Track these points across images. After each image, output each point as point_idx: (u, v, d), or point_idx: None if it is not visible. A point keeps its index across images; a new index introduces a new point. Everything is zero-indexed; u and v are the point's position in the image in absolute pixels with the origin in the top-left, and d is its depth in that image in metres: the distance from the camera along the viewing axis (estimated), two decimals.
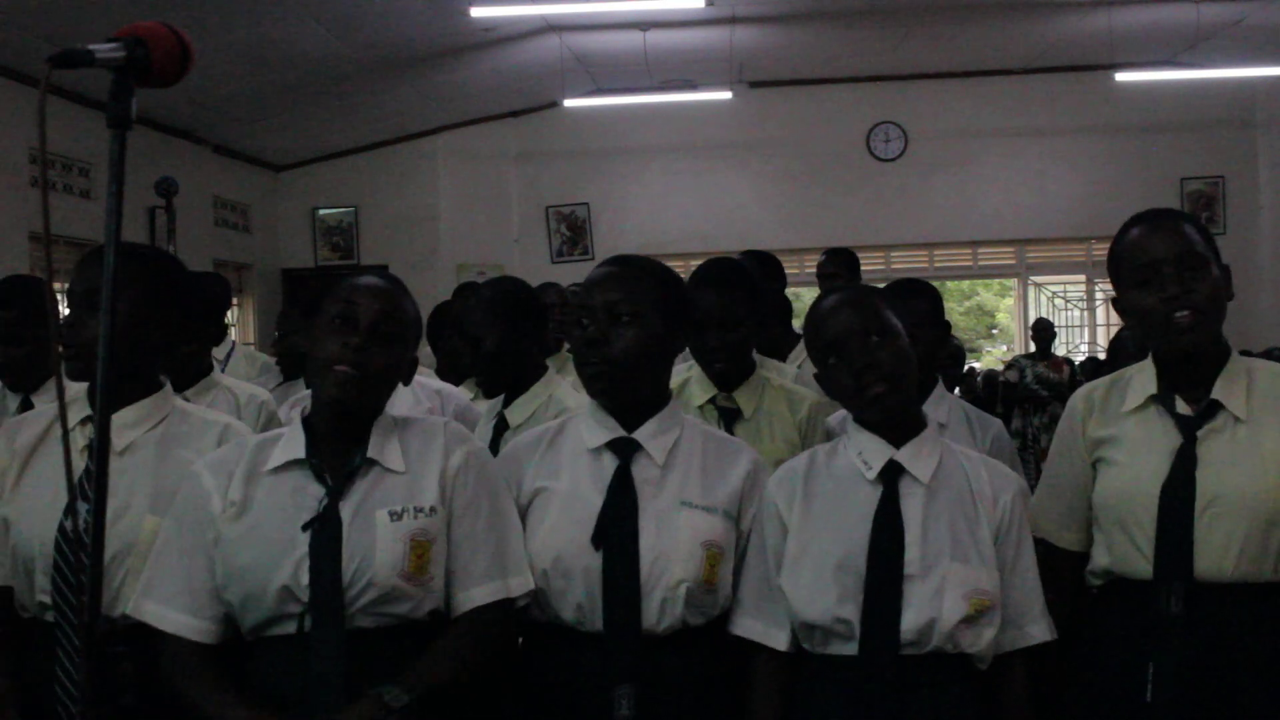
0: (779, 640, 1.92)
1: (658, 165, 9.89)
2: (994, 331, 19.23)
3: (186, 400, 2.69)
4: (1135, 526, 1.94)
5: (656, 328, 1.97)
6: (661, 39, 8.02)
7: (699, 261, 2.93)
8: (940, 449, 1.95)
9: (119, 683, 1.86)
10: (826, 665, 1.87)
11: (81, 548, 1.90)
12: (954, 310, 18.49)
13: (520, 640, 2.01)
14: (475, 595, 1.86)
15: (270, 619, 1.79)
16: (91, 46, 1.20)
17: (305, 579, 1.76)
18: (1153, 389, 2.00)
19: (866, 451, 1.93)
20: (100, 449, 1.22)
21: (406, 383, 1.96)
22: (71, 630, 1.88)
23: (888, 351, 1.89)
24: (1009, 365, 8.85)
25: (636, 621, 1.89)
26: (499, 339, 2.74)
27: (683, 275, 2.63)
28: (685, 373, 2.73)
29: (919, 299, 2.78)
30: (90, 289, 1.98)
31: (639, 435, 1.99)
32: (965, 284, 17.47)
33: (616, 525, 1.92)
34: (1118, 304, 2.04)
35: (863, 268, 10.49)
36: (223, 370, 4.49)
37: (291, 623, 1.77)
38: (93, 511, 1.22)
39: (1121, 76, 8.73)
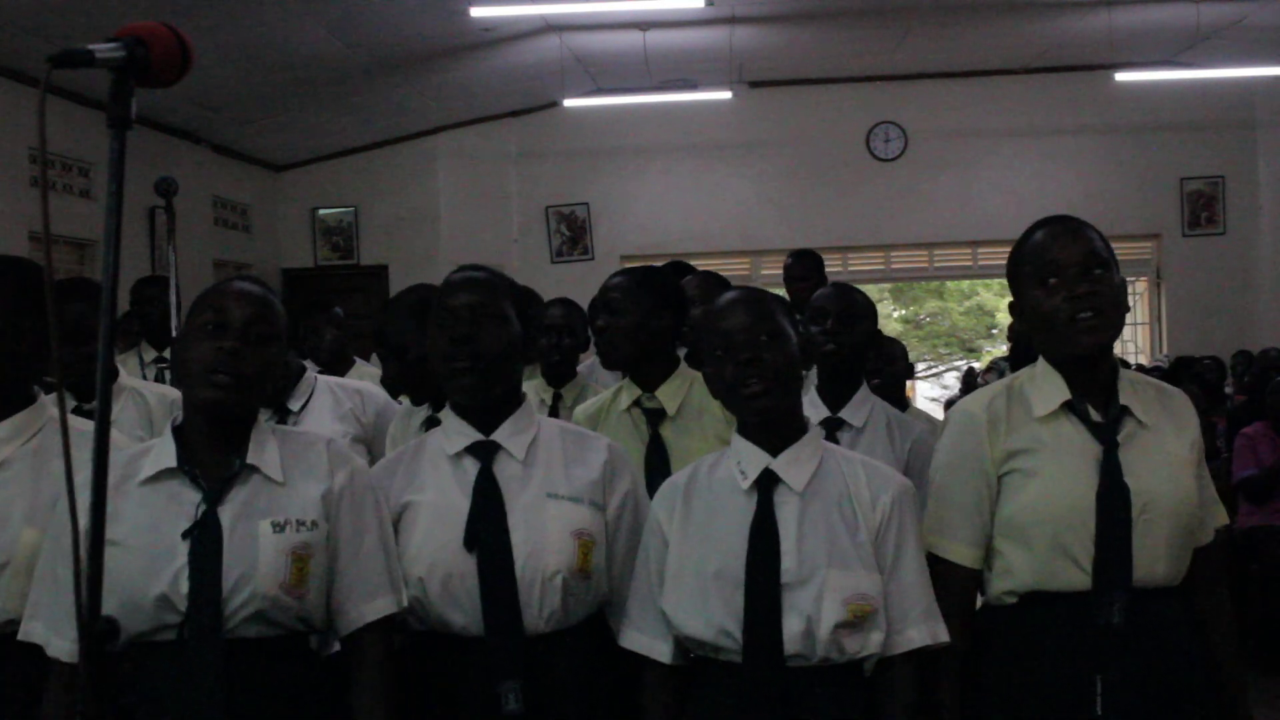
0: (663, 653, 1.94)
1: (658, 165, 9.89)
2: (994, 331, 19.22)
3: (90, 409, 2.70)
4: (1072, 537, 1.88)
5: (516, 328, 2.02)
6: (661, 39, 8.01)
7: (699, 262, 2.95)
8: (819, 454, 1.94)
9: (119, 683, 1.86)
10: (717, 674, 1.88)
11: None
12: (954, 310, 18.47)
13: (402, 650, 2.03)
14: (369, 610, 1.89)
15: (150, 629, 1.78)
16: (91, 46, 1.20)
17: (184, 588, 1.76)
18: (1064, 395, 1.95)
19: (744, 460, 1.93)
20: (100, 450, 1.22)
21: (278, 386, 1.97)
22: None
23: (773, 353, 1.88)
24: (989, 367, 8.89)
25: (517, 617, 1.92)
26: (422, 347, 2.66)
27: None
28: (615, 387, 2.74)
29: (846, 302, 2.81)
30: None
31: (497, 436, 2.01)
32: (965, 284, 17.46)
33: (486, 525, 1.95)
34: (1016, 306, 2.01)
35: (863, 268, 10.54)
36: (158, 374, 4.49)
37: (171, 631, 1.77)
38: (92, 512, 1.22)
39: (1121, 76, 8.72)
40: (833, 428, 2.72)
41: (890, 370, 3.36)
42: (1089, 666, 1.87)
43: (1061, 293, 1.90)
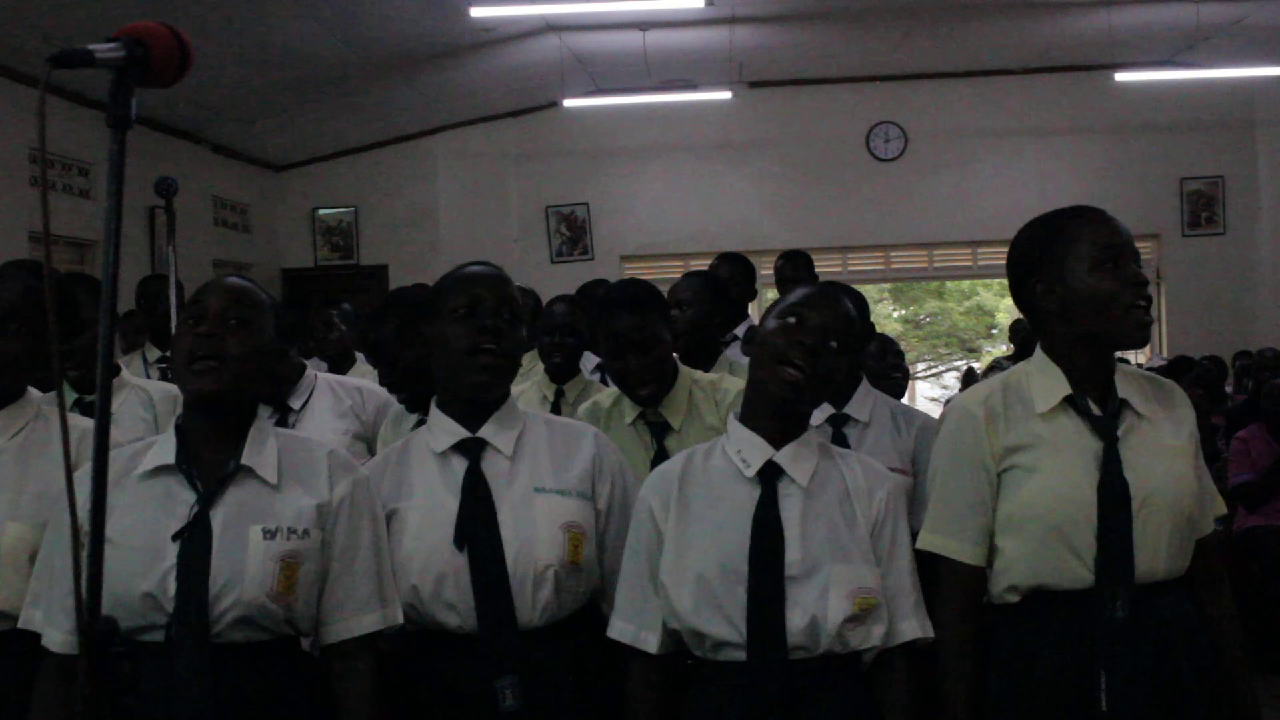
0: (650, 644, 1.93)
1: (658, 165, 9.88)
2: (994, 331, 19.21)
3: (90, 403, 2.71)
4: (1074, 533, 1.88)
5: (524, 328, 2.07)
6: (661, 39, 8.01)
7: (699, 262, 2.95)
8: (818, 451, 1.95)
9: (119, 683, 1.86)
10: (718, 672, 1.87)
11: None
12: (954, 310, 18.47)
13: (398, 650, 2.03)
14: (355, 625, 1.88)
15: (138, 627, 1.78)
16: (91, 46, 1.20)
17: (172, 589, 1.75)
18: (1065, 390, 1.94)
19: (746, 450, 1.92)
20: (100, 449, 1.22)
21: (274, 373, 1.95)
22: None
23: (830, 359, 1.89)
24: (991, 366, 8.87)
25: (510, 612, 1.92)
26: (414, 353, 2.66)
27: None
28: (611, 393, 2.72)
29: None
30: None
31: (483, 433, 2.01)
32: (965, 284, 17.45)
33: (475, 522, 1.95)
34: (1044, 284, 1.95)
35: (863, 268, 10.52)
36: (161, 374, 4.49)
37: (159, 631, 1.77)
38: (92, 512, 1.22)
39: (1121, 76, 8.73)
40: (839, 423, 2.72)
41: (898, 369, 3.39)
42: (1093, 662, 1.86)
43: (1123, 276, 1.89)
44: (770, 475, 1.90)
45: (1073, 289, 1.92)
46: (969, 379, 9.60)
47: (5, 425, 2.03)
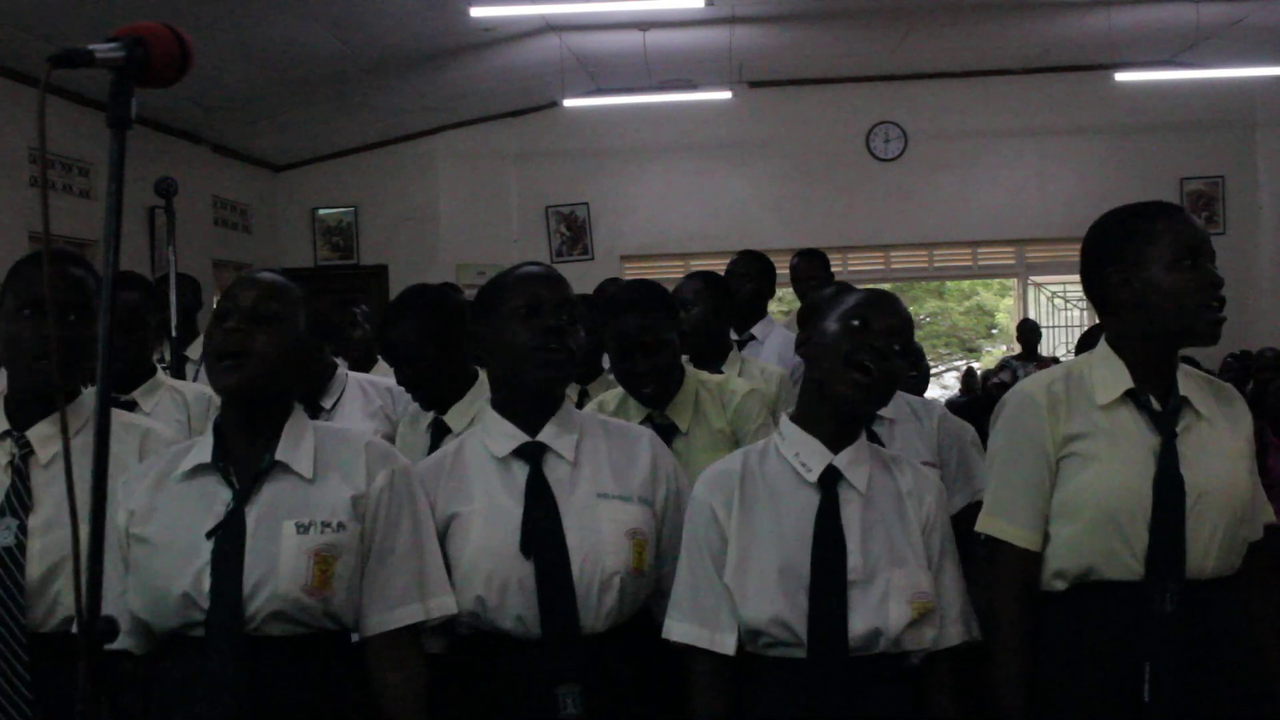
0: (726, 645, 1.91)
1: (658, 165, 9.88)
2: (994, 331, 19.22)
3: (134, 402, 2.71)
4: (1129, 524, 1.90)
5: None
6: (661, 39, 8.01)
7: (699, 262, 2.94)
8: (871, 455, 1.97)
9: (119, 683, 1.86)
10: (774, 668, 1.88)
11: (15, 564, 1.94)
12: (954, 310, 18.47)
13: (458, 652, 2.02)
14: (390, 618, 1.86)
15: (176, 625, 1.78)
16: (91, 46, 1.20)
17: (207, 586, 1.75)
18: (1127, 384, 1.96)
19: (804, 453, 1.93)
20: (99, 451, 1.23)
21: (309, 369, 1.94)
22: (7, 648, 1.91)
23: (898, 361, 1.91)
24: (1000, 366, 8.86)
25: (575, 621, 1.91)
26: (431, 353, 2.66)
27: (682, 275, 2.62)
28: (617, 394, 2.72)
29: None
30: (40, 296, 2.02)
31: (543, 437, 1.99)
32: (965, 284, 17.45)
33: (541, 529, 1.93)
34: (1119, 275, 1.96)
35: (863, 268, 10.53)
36: (197, 371, 4.48)
37: (198, 628, 1.77)
38: (92, 513, 1.22)
39: (1121, 76, 8.72)
40: (869, 422, 2.73)
41: (915, 367, 3.42)
42: (1138, 653, 1.88)
43: (1201, 275, 1.91)
44: (830, 480, 1.91)
45: (1150, 282, 1.93)
46: (968, 379, 9.60)
47: (68, 424, 2.01)
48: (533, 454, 1.99)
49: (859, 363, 1.87)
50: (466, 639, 1.97)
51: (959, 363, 17.18)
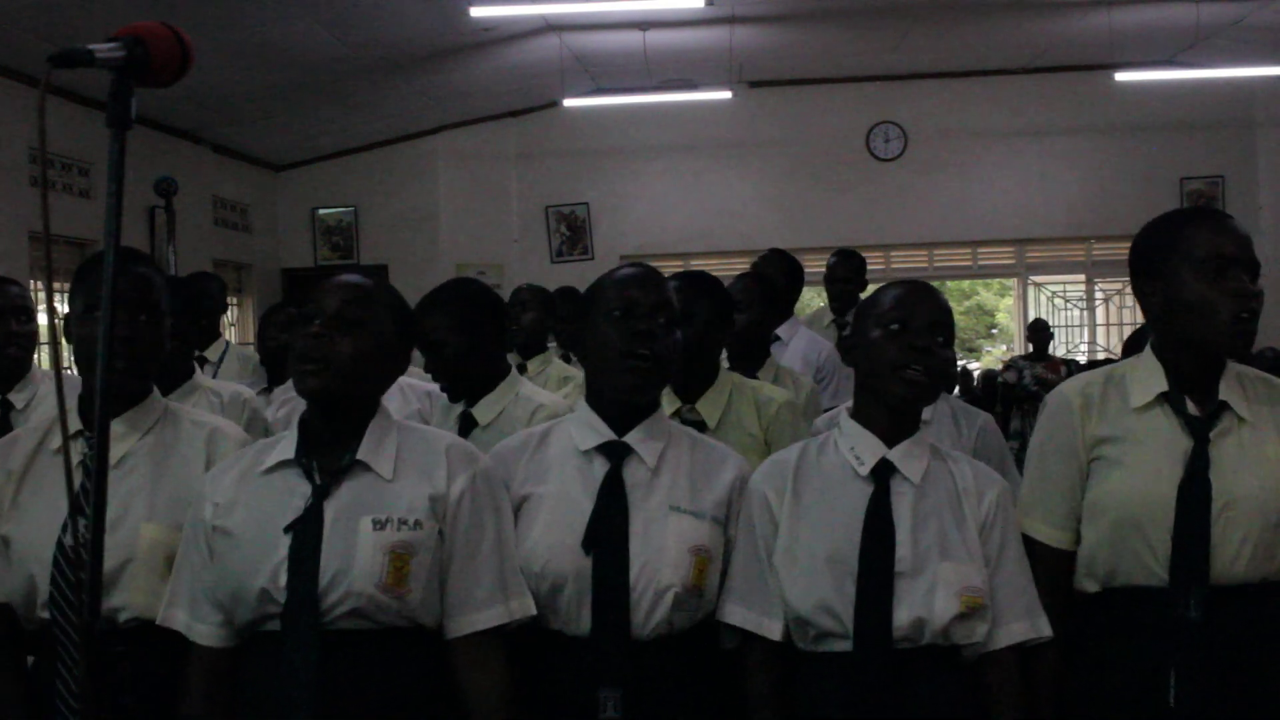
0: (772, 630, 1.93)
1: (658, 165, 9.89)
2: (994, 331, 19.24)
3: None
4: (1152, 529, 1.90)
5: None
6: (661, 39, 8.02)
7: (698, 262, 2.94)
8: (929, 450, 1.97)
9: (119, 683, 1.86)
10: (821, 662, 1.89)
11: (79, 561, 1.94)
12: (954, 310, 18.49)
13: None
14: (478, 619, 1.86)
15: (254, 619, 1.79)
16: (91, 46, 1.20)
17: (284, 580, 1.76)
18: (1162, 387, 1.96)
19: (859, 447, 1.94)
20: (100, 452, 1.22)
21: (395, 373, 1.94)
22: (70, 641, 1.89)
23: (945, 353, 1.93)
24: (1007, 366, 8.85)
25: (625, 625, 1.89)
26: (461, 343, 2.68)
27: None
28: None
29: None
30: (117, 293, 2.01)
31: (630, 439, 1.99)
32: (965, 284, 17.47)
33: (607, 529, 1.92)
34: (1151, 286, 1.96)
35: None
36: (215, 372, 4.47)
37: (275, 621, 1.78)
38: (92, 514, 1.22)
39: (1121, 76, 8.72)
40: None
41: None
42: (1164, 659, 1.88)
43: (1229, 288, 1.89)
44: (884, 473, 1.92)
45: (1177, 293, 1.93)
46: (966, 380, 9.60)
47: (134, 426, 2.03)
48: (615, 453, 1.98)
49: (907, 365, 1.89)
50: (515, 631, 1.96)
51: (960, 362, 17.21)
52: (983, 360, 16.70)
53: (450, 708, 1.85)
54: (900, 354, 1.90)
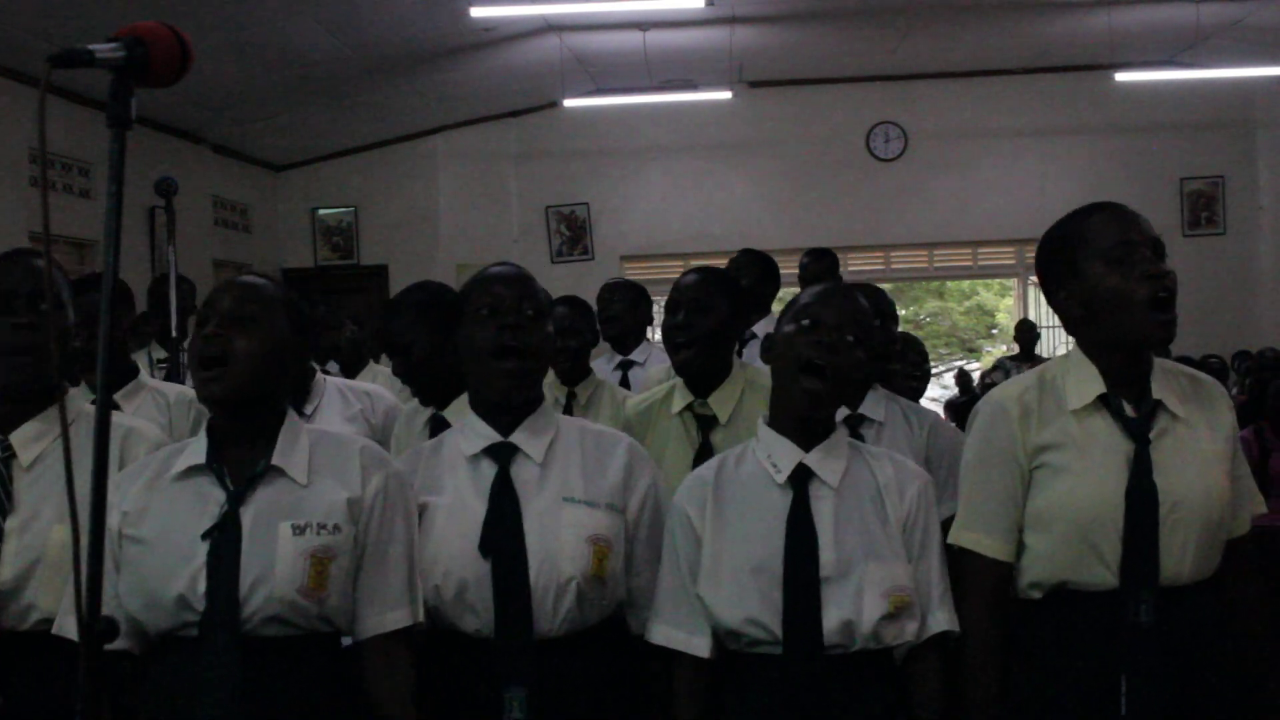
0: (701, 648, 1.93)
1: (658, 165, 9.89)
2: (994, 331, 19.22)
3: (115, 404, 2.70)
4: (1101, 534, 1.86)
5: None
6: (661, 39, 8.01)
7: (698, 261, 2.93)
8: (848, 451, 1.96)
9: (119, 683, 1.86)
10: (752, 665, 1.89)
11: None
12: (954, 310, 18.47)
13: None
14: (388, 620, 1.87)
15: (171, 626, 1.78)
16: (91, 46, 1.20)
17: (202, 588, 1.75)
18: (1099, 389, 1.91)
19: (776, 454, 1.94)
20: (99, 452, 1.23)
21: (298, 370, 1.94)
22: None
23: (851, 355, 1.90)
24: (995, 366, 8.86)
25: (528, 624, 1.90)
26: (428, 345, 2.66)
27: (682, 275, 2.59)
28: (668, 385, 2.71)
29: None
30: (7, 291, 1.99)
31: (515, 438, 1.99)
32: (965, 284, 17.45)
33: (501, 530, 1.93)
34: (1065, 290, 1.92)
35: (863, 268, 10.53)
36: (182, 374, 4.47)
37: (193, 629, 1.77)
38: (92, 514, 1.22)
39: (1121, 76, 8.72)
40: (855, 424, 2.72)
41: (919, 368, 3.41)
42: (1115, 666, 1.86)
43: (1139, 271, 1.85)
44: (802, 478, 1.91)
45: (1093, 290, 1.89)
46: (963, 380, 9.61)
47: (47, 429, 2.02)
48: (502, 454, 1.99)
49: (810, 362, 1.88)
50: (422, 634, 1.97)
51: (959, 362, 17.20)
52: (983, 361, 16.68)
53: (360, 712, 1.85)
54: (807, 349, 1.88)
